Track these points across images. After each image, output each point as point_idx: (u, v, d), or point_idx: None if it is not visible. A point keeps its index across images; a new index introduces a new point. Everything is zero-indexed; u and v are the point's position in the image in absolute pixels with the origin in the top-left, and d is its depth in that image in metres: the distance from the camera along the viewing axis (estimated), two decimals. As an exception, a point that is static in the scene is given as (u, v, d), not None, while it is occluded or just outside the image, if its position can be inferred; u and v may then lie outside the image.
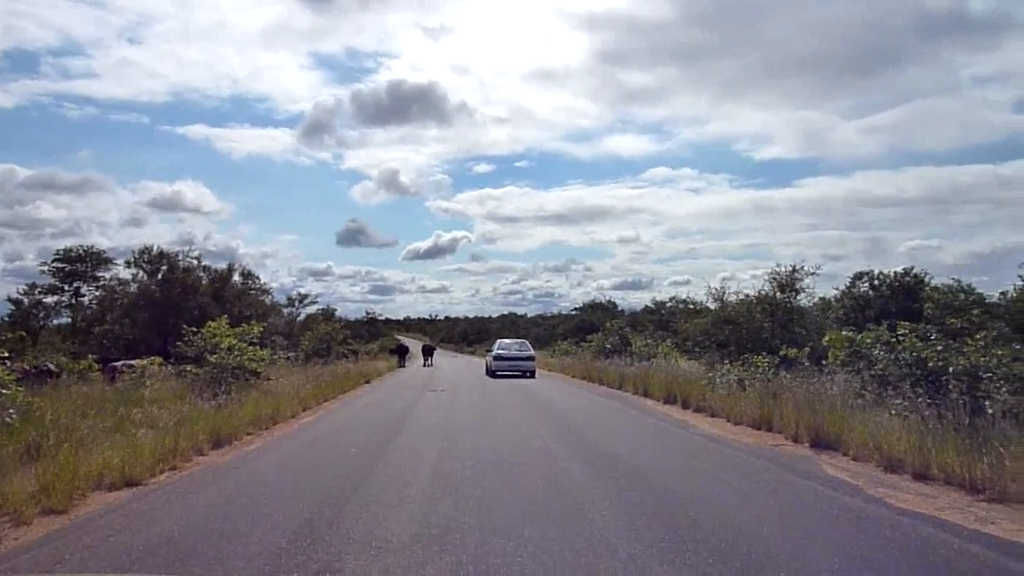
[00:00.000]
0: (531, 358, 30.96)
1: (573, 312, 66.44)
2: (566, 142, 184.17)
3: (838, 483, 8.04)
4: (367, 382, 26.74)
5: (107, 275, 32.63)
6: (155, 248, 31.79)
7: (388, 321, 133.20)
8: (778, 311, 18.65)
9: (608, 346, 32.11)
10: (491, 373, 30.21)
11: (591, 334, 37.76)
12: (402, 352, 42.50)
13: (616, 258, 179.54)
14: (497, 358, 30.73)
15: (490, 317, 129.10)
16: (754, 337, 18.39)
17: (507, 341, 34.04)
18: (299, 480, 8.30)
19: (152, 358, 18.25)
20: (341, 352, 33.22)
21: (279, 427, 13.57)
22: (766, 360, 15.82)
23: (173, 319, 25.05)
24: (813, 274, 19.08)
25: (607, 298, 65.60)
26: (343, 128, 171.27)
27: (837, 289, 32.22)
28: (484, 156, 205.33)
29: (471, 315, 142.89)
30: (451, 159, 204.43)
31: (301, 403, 16.25)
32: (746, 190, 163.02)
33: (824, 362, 14.48)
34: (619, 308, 61.71)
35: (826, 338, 14.62)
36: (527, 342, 35.32)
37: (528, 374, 29.60)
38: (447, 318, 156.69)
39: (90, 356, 18.73)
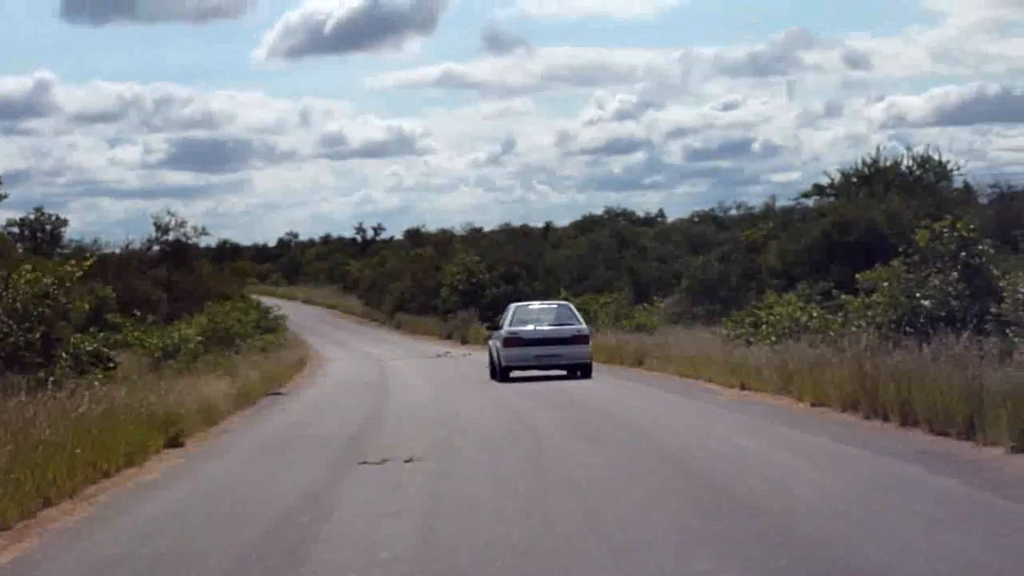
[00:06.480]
0: (580, 338, 19.60)
1: (804, 201, 32.37)
2: None
3: None
4: (174, 441, 11.59)
5: None
6: None
7: (232, 250, 73.03)
8: None
9: (925, 303, 13.32)
10: (501, 372, 19.62)
11: (866, 270, 16.12)
12: None
13: (937, 29, 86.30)
14: (510, 341, 19.46)
15: (549, 227, 61.36)
16: None
17: (532, 307, 22.08)
18: None
19: None
20: (86, 353, 15.16)
21: None
22: None
23: None
24: None
25: (914, 152, 30.96)
26: None
27: None
28: None
29: (494, 222, 69.01)
30: None
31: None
32: None
33: None
34: (950, 185, 29.69)
35: None
36: (570, 306, 22.51)
37: (577, 371, 19.32)
38: (415, 232, 69.67)
39: None
